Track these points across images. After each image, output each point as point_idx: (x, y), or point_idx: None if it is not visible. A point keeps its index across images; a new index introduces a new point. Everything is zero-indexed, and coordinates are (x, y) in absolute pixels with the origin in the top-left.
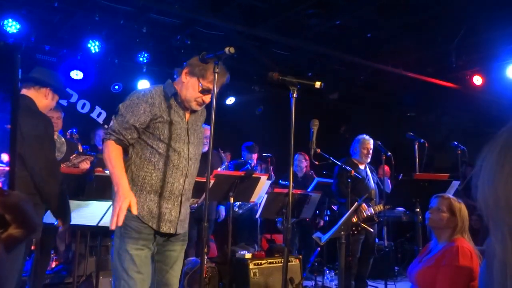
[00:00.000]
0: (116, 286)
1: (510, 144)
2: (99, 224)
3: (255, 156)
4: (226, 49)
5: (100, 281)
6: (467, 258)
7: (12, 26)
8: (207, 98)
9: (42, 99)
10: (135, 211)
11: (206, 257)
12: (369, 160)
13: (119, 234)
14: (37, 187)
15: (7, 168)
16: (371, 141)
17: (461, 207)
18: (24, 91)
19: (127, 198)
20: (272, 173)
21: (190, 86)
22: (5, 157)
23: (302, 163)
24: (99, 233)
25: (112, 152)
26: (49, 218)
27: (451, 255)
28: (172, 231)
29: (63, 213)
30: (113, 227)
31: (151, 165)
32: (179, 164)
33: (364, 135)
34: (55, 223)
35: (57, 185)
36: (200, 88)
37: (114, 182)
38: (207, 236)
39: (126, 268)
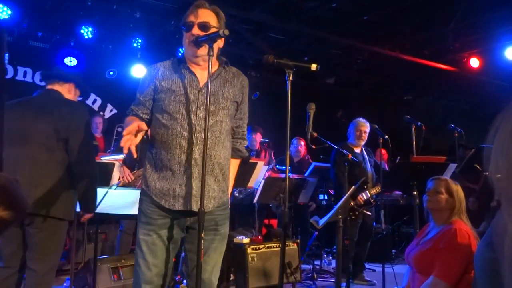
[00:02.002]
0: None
1: None
2: (96, 211)
3: (259, 136)
4: (220, 31)
5: (98, 268)
6: (465, 240)
7: (3, 12)
8: (195, 31)
9: (66, 94)
10: (144, 126)
11: (202, 241)
12: (364, 143)
13: (138, 217)
14: (77, 172)
15: None
16: (367, 124)
17: (458, 189)
18: (49, 87)
19: (133, 123)
20: (272, 158)
21: (185, 40)
22: None
23: (301, 147)
24: (96, 220)
25: (127, 121)
26: None
27: (449, 237)
28: (185, 207)
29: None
30: (125, 151)
31: (158, 139)
32: (183, 132)
33: (360, 118)
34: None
35: (95, 169)
36: (185, 30)
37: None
38: (203, 220)
39: (137, 253)
